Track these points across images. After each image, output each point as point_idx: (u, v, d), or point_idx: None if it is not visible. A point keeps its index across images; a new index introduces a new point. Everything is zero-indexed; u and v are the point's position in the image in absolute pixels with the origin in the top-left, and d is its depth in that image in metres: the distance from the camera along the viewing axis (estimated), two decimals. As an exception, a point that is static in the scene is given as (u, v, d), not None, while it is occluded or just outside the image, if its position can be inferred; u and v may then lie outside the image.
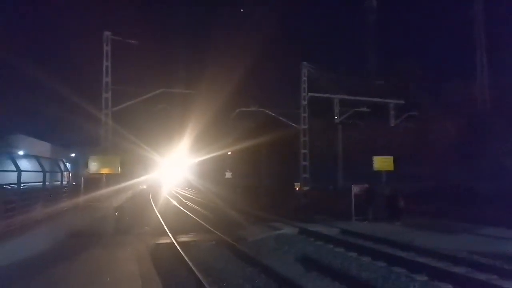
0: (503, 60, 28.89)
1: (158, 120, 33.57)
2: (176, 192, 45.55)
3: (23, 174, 11.14)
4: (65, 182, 17.00)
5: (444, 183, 23.23)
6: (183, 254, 11.00)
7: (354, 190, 17.39)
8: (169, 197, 36.03)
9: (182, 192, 45.08)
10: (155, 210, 22.69)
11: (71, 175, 20.94)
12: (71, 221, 13.85)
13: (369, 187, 17.61)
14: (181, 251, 11.38)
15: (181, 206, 26.40)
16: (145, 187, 49.29)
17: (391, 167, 20.26)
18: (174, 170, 61.56)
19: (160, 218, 18.67)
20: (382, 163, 20.15)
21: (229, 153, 41.35)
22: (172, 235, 13.79)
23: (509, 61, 27.84)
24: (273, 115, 26.58)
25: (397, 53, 42.38)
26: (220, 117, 34.43)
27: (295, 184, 25.88)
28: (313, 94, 25.55)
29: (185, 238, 13.94)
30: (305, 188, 24.80)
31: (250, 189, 33.27)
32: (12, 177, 11.34)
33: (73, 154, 44.49)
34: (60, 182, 16.14)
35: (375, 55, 44.65)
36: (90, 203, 17.32)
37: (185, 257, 10.61)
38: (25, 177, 11.84)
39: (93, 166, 18.41)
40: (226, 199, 28.63)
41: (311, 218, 17.90)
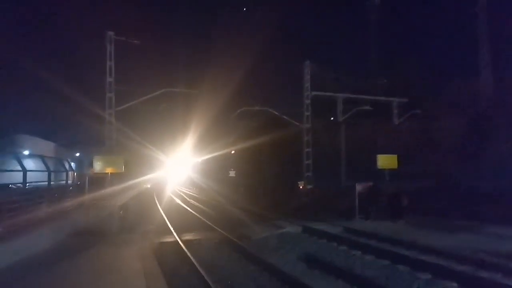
0: (506, 58, 28.75)
1: (161, 120, 33.75)
2: (180, 190, 45.66)
3: (28, 173, 11.26)
4: (70, 181, 17.14)
5: (447, 181, 23.19)
6: (187, 252, 11.08)
7: (358, 188, 17.34)
8: (173, 195, 36.14)
9: (186, 191, 45.17)
10: (159, 209, 22.79)
11: (75, 174, 21.08)
12: (76, 219, 13.95)
13: (373, 185, 17.56)
14: (185, 249, 11.47)
15: (185, 205, 26.47)
16: (149, 186, 49.42)
17: (395, 165, 20.25)
18: (178, 169, 61.74)
19: (164, 216, 18.76)
20: (386, 161, 20.14)
21: (232, 152, 41.39)
22: (176, 233, 13.88)
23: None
24: (276, 114, 26.60)
25: (399, 52, 42.27)
26: (223, 116, 34.55)
27: (299, 182, 25.91)
28: (317, 92, 25.57)
29: (189, 236, 13.99)
30: (309, 187, 24.84)
31: (253, 188, 33.31)
32: (18, 177, 11.46)
33: (77, 154, 44.65)
34: (65, 182, 16.26)
35: (377, 54, 44.61)
36: (95, 202, 17.39)
37: (189, 255, 10.69)
38: (30, 176, 11.96)
39: (98, 165, 18.49)
40: (229, 198, 28.69)
41: (315, 217, 17.90)
